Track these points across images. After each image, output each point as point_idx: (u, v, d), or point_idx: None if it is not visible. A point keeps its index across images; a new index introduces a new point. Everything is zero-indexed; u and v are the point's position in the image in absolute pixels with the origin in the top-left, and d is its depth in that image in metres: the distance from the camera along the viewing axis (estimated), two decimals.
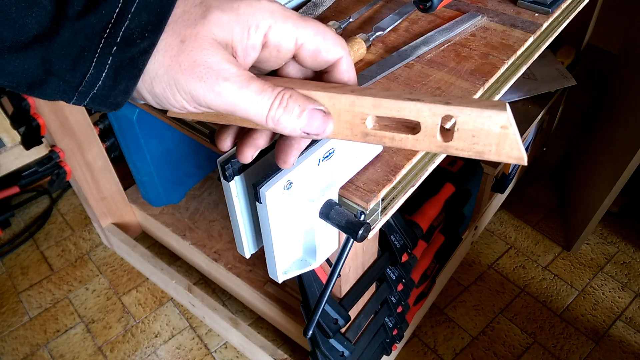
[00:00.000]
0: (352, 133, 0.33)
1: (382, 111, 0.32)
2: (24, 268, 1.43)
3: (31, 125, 1.09)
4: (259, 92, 0.31)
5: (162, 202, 1.31)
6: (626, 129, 1.19)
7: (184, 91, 0.30)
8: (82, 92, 0.30)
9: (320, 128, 0.33)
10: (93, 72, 0.29)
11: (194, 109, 0.32)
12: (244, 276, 1.15)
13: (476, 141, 0.30)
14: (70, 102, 0.31)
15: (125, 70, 0.29)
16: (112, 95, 0.30)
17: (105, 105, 0.31)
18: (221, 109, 0.31)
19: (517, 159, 0.30)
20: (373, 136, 0.33)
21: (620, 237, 1.44)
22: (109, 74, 0.29)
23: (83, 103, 0.31)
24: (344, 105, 0.33)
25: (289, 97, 0.32)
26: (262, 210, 0.44)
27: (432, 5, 0.65)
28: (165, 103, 0.32)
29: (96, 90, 0.30)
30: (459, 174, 1.10)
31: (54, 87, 0.30)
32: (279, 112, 0.32)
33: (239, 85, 0.31)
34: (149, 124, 1.12)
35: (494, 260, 1.40)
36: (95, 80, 0.29)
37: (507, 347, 1.22)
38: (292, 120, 0.32)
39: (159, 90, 0.31)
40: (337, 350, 0.82)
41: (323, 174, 0.46)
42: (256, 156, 0.45)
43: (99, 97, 0.30)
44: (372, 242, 0.76)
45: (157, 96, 0.31)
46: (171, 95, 0.31)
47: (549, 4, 0.68)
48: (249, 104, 0.31)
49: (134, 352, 1.24)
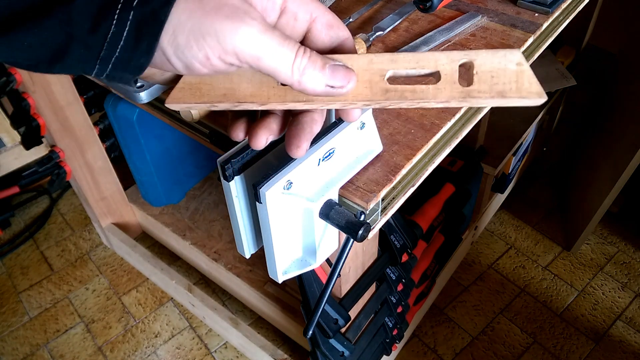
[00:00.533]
0: (372, 92, 0.33)
1: (401, 64, 0.32)
2: (24, 268, 1.43)
3: (31, 125, 1.09)
4: (284, 39, 0.31)
5: (162, 202, 1.31)
6: (626, 129, 1.19)
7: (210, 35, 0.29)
8: (103, 58, 0.29)
9: (344, 79, 0.32)
10: (114, 31, 0.28)
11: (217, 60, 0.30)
12: (244, 276, 1.15)
13: (496, 81, 0.31)
14: (92, 73, 0.30)
15: (147, 25, 0.28)
16: (134, 56, 0.29)
17: (128, 70, 0.30)
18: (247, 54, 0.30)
19: (537, 93, 0.31)
20: (394, 91, 0.32)
21: (620, 237, 1.44)
22: (130, 31, 0.28)
23: (105, 71, 0.30)
24: (362, 64, 0.33)
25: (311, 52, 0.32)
26: (262, 210, 0.44)
27: (432, 5, 0.65)
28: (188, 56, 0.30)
29: (118, 52, 0.29)
30: (459, 174, 1.10)
31: (75, 56, 0.29)
32: (304, 60, 0.31)
33: (264, 27, 0.30)
34: (149, 124, 1.12)
35: (494, 260, 1.40)
36: (117, 40, 0.28)
37: (507, 347, 1.22)
38: (317, 73, 0.32)
39: (182, 40, 0.29)
40: (337, 350, 0.82)
41: (323, 174, 0.46)
42: (256, 156, 0.45)
43: (122, 61, 0.29)
44: (372, 242, 0.76)
45: (179, 47, 0.30)
46: (195, 44, 0.29)
47: (549, 4, 0.68)
48: (275, 49, 0.30)
49: (134, 352, 1.24)
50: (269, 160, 0.46)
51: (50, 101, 1.08)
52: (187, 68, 0.31)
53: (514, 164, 1.33)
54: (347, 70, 0.32)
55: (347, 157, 0.48)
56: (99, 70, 0.30)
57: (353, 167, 0.50)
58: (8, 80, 1.01)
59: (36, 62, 0.29)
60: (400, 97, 0.32)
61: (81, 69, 0.30)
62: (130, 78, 0.31)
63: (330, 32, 0.35)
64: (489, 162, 1.19)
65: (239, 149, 0.44)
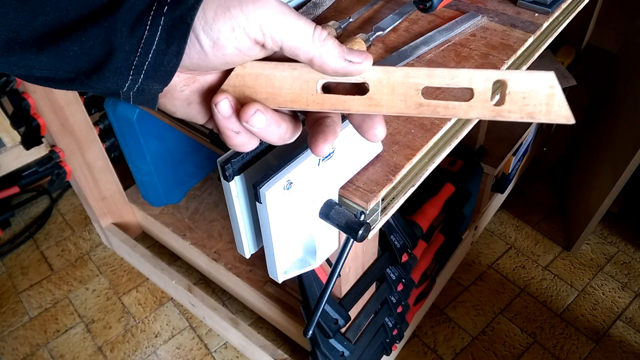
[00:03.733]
0: (406, 105, 0.34)
1: (436, 80, 0.33)
2: (24, 268, 1.43)
3: (31, 125, 1.09)
4: (300, 16, 0.32)
5: (162, 202, 1.31)
6: (626, 129, 1.19)
7: (234, 7, 0.31)
8: (137, 66, 0.31)
9: (360, 57, 0.33)
10: (148, 35, 0.30)
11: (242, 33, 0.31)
12: (244, 276, 1.15)
13: (527, 102, 0.32)
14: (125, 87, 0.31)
15: (176, 28, 0.30)
16: (164, 60, 0.31)
17: (158, 78, 0.32)
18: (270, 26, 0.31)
19: (566, 117, 0.31)
20: (427, 106, 0.33)
21: (620, 237, 1.44)
22: (162, 35, 0.30)
23: (137, 83, 0.31)
24: (398, 78, 0.34)
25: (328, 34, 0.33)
26: (262, 210, 0.44)
27: (432, 5, 0.65)
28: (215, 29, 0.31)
29: (150, 57, 0.30)
30: (459, 174, 1.10)
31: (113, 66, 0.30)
32: (324, 33, 0.32)
33: (282, 4, 0.32)
34: (149, 124, 1.12)
35: (494, 260, 1.40)
36: (149, 44, 0.30)
37: (507, 347, 1.22)
38: (336, 47, 0.33)
39: (210, 14, 0.31)
40: (337, 350, 0.82)
41: (323, 174, 0.46)
42: (256, 156, 0.45)
43: (153, 66, 0.31)
44: (372, 242, 0.76)
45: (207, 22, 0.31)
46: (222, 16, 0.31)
47: (549, 4, 0.68)
48: (295, 22, 0.32)
49: (134, 352, 1.24)
50: (269, 160, 0.46)
51: (50, 101, 1.08)
52: (214, 45, 0.32)
53: (514, 164, 1.33)
54: (360, 51, 0.34)
55: (347, 157, 0.48)
56: (131, 82, 0.31)
57: (353, 167, 0.50)
58: (8, 80, 1.01)
59: (76, 73, 0.30)
60: (433, 112, 0.33)
61: (115, 82, 0.31)
62: (158, 89, 0.33)
63: None
64: (489, 162, 1.19)
65: None
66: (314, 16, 0.72)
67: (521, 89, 0.32)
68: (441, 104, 0.33)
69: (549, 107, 0.32)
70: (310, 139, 0.36)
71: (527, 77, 0.31)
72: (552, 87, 0.31)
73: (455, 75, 0.33)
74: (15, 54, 0.29)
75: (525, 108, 0.32)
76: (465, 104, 0.33)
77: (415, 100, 0.34)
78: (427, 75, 0.33)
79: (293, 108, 0.35)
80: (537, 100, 0.32)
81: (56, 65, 0.30)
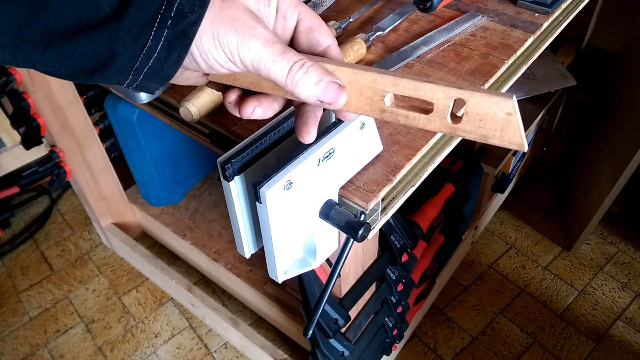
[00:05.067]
0: (371, 109, 0.36)
1: (401, 90, 0.34)
2: (24, 268, 1.43)
3: (31, 125, 1.09)
4: (281, 53, 0.35)
5: (162, 202, 1.31)
6: (626, 129, 1.19)
7: (224, 43, 0.34)
8: (138, 69, 0.33)
9: (334, 98, 0.36)
10: (150, 44, 0.33)
11: (232, 64, 0.35)
12: (244, 276, 1.15)
13: (482, 125, 0.32)
14: (124, 83, 0.34)
15: (178, 40, 0.33)
16: (164, 66, 0.34)
17: (156, 80, 0.35)
18: (249, 63, 0.35)
19: (518, 146, 0.32)
20: (389, 113, 0.35)
21: (620, 237, 1.44)
22: (164, 45, 0.33)
23: (136, 81, 0.34)
24: (366, 81, 0.35)
25: (310, 66, 0.35)
26: (262, 210, 0.44)
27: (432, 5, 0.65)
28: (210, 58, 0.35)
29: (151, 63, 0.33)
30: (459, 174, 1.10)
31: (114, 68, 0.33)
32: (298, 74, 0.35)
33: (264, 42, 0.34)
34: (149, 124, 1.12)
35: (494, 260, 1.40)
36: (151, 52, 0.33)
37: (507, 347, 1.22)
38: (310, 86, 0.35)
39: (206, 43, 0.34)
40: (337, 350, 0.82)
41: (323, 174, 0.46)
42: (256, 156, 0.45)
43: (153, 70, 0.34)
44: (372, 242, 0.76)
45: (204, 51, 0.34)
46: (215, 49, 0.34)
47: (549, 4, 0.68)
48: (272, 62, 0.35)
49: (134, 352, 1.24)
50: (269, 160, 0.46)
51: (50, 101, 1.08)
52: (210, 68, 0.36)
53: (514, 164, 1.33)
54: (339, 89, 0.36)
55: (347, 157, 0.48)
56: (131, 80, 0.34)
57: (353, 167, 0.50)
58: (8, 80, 1.01)
59: (77, 71, 0.33)
60: (394, 120, 0.35)
61: (115, 80, 0.34)
62: (155, 87, 0.36)
63: (310, 35, 0.39)
64: (489, 162, 1.19)
65: (239, 149, 0.44)
66: None
67: (479, 111, 0.32)
68: (402, 113, 0.35)
69: (503, 133, 0.32)
70: (296, 130, 0.40)
71: (486, 100, 0.31)
72: (510, 115, 0.31)
73: (418, 87, 0.33)
74: (22, 51, 0.31)
75: (479, 130, 0.32)
76: (424, 116, 0.34)
77: (379, 105, 0.35)
78: (393, 84, 0.34)
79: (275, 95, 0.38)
80: (493, 124, 0.32)
81: (60, 63, 0.32)
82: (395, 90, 0.34)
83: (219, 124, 0.59)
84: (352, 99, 0.36)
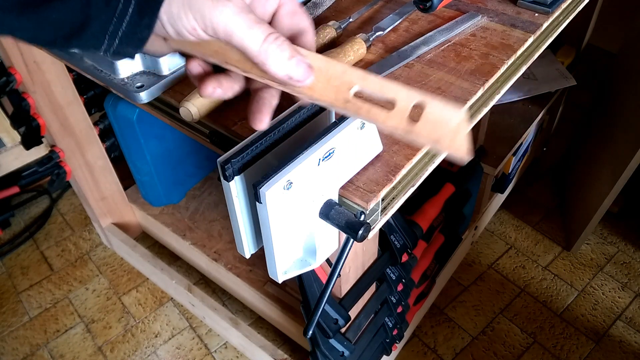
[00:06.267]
0: (335, 97, 0.36)
1: (367, 84, 0.36)
2: (24, 268, 1.43)
3: (31, 125, 1.09)
4: (257, 22, 0.35)
5: (162, 202, 1.31)
6: (626, 129, 1.19)
7: (194, 8, 0.34)
8: (112, 32, 0.34)
9: (303, 76, 0.36)
10: (121, 8, 0.33)
11: (202, 31, 0.35)
12: (244, 276, 1.15)
13: (436, 130, 0.34)
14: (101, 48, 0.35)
15: (148, 4, 0.34)
16: (138, 30, 0.35)
17: (132, 43, 0.35)
18: (221, 29, 0.34)
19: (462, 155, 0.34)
20: (352, 104, 0.36)
21: (620, 237, 1.44)
22: (134, 9, 0.34)
23: (113, 46, 0.35)
24: (336, 71, 0.37)
25: (284, 40, 0.35)
26: (262, 210, 0.44)
27: (432, 5, 0.65)
28: (179, 24, 0.35)
29: (124, 26, 0.34)
30: (459, 174, 1.10)
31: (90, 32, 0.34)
32: (272, 46, 0.35)
33: (239, 9, 0.34)
34: (149, 124, 1.12)
35: (494, 260, 1.40)
36: (123, 15, 0.34)
37: (507, 347, 1.22)
38: (283, 59, 0.35)
39: (175, 9, 0.34)
40: (337, 350, 0.82)
41: (323, 174, 0.46)
42: (256, 156, 0.45)
43: (127, 34, 0.35)
44: (372, 242, 0.76)
45: (172, 16, 0.35)
46: (184, 15, 0.34)
47: (549, 4, 0.68)
48: (247, 29, 0.34)
49: (134, 352, 1.24)
50: (269, 160, 0.46)
51: (50, 101, 1.08)
52: (178, 34, 0.36)
53: (514, 164, 1.33)
54: (309, 68, 0.36)
55: (347, 157, 0.48)
56: (107, 45, 0.35)
57: (353, 167, 0.50)
58: (8, 80, 1.01)
59: (55, 37, 0.34)
60: (356, 111, 0.36)
61: (92, 44, 0.35)
62: (132, 52, 0.36)
63: (294, 18, 0.39)
64: (489, 162, 1.19)
65: (239, 149, 0.44)
66: (314, 16, 0.72)
67: (434, 117, 0.34)
68: (364, 106, 0.36)
69: (452, 141, 0.34)
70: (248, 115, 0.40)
71: (442, 108, 0.34)
72: (458, 125, 0.34)
73: (384, 85, 0.35)
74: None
75: (432, 134, 0.34)
76: (385, 113, 0.35)
77: (344, 96, 0.36)
78: (362, 78, 0.36)
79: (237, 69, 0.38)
80: (445, 131, 0.34)
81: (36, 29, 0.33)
82: (363, 84, 0.36)
83: (219, 124, 0.59)
84: (318, 85, 0.37)
